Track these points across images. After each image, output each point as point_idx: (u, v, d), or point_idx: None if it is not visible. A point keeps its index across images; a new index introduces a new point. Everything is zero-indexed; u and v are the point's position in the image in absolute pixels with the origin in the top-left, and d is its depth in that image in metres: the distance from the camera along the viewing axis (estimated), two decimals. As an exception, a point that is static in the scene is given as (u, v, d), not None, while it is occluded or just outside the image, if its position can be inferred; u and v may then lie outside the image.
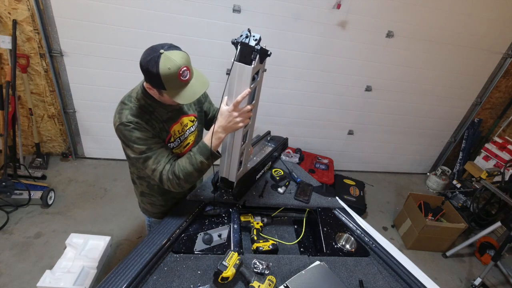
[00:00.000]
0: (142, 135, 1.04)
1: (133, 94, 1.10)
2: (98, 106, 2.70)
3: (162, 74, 0.91)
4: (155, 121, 1.10)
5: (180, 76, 0.94)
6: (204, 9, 2.35)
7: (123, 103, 1.08)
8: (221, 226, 1.26)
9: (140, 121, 1.04)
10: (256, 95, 1.13)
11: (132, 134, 1.04)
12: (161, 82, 0.93)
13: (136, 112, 1.06)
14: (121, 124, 1.03)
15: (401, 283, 1.19)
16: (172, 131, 1.17)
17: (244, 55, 0.97)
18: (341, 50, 2.76)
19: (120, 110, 1.07)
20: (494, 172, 2.96)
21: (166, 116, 1.14)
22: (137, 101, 1.08)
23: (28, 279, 1.86)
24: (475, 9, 2.70)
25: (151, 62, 0.91)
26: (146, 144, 1.05)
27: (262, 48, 0.97)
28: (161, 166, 1.07)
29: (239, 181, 1.32)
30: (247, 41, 0.96)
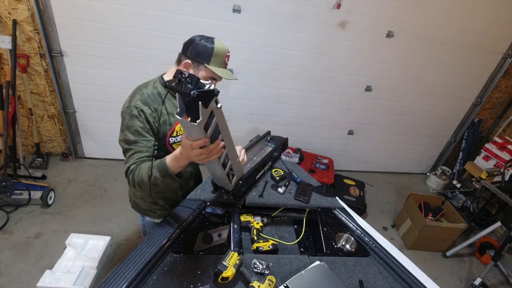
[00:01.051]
0: (139, 125, 1.06)
1: (151, 82, 1.16)
2: (98, 106, 2.70)
3: (216, 49, 1.07)
4: (161, 113, 1.13)
5: (226, 58, 1.13)
6: (204, 9, 2.35)
7: (138, 89, 1.13)
8: (221, 226, 1.26)
9: (147, 109, 1.07)
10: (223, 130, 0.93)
11: (131, 121, 1.06)
12: (210, 55, 1.07)
13: (147, 98, 1.09)
14: (128, 107, 1.07)
15: (401, 283, 1.19)
16: (178, 126, 1.19)
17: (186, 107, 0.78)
18: (341, 50, 2.76)
19: (133, 94, 1.12)
20: (494, 172, 2.96)
21: (174, 110, 1.17)
22: (153, 88, 1.13)
23: (28, 279, 1.86)
24: (475, 9, 2.70)
25: (207, 40, 1.08)
26: (135, 136, 1.06)
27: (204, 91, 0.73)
28: (129, 163, 1.06)
29: (239, 181, 1.32)
30: (180, 88, 0.73)
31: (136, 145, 1.07)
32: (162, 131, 1.15)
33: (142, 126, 1.06)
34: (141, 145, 1.07)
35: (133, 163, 1.06)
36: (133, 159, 1.06)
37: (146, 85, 1.15)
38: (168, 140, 1.18)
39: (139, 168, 1.05)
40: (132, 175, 1.05)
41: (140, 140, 1.07)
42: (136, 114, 1.05)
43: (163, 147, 1.18)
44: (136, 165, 1.06)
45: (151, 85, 1.14)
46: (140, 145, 1.07)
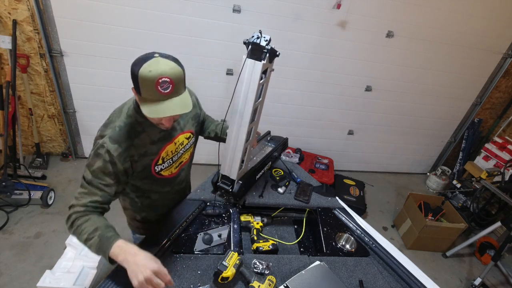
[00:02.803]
0: (98, 166, 0.94)
1: (124, 109, 1.01)
2: (98, 106, 2.70)
3: (140, 75, 0.82)
4: (136, 148, 1.00)
5: (158, 85, 0.83)
6: (204, 9, 2.35)
7: (111, 120, 1.00)
8: (221, 226, 1.26)
9: (115, 149, 0.95)
10: (263, 93, 1.17)
11: (93, 158, 0.95)
12: (138, 84, 0.85)
13: (118, 136, 0.96)
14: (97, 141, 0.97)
15: (401, 283, 1.19)
16: (164, 152, 1.08)
17: (255, 53, 1.03)
18: (341, 50, 2.76)
19: (106, 124, 1.00)
20: (494, 172, 2.96)
21: (158, 136, 1.05)
22: (127, 117, 0.99)
23: (28, 279, 1.86)
24: (475, 9, 2.70)
25: (138, 61, 0.85)
26: (93, 176, 0.95)
27: (272, 48, 1.02)
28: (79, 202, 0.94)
29: (239, 180, 1.32)
30: (258, 42, 1.01)
31: (91, 186, 0.95)
32: (142, 165, 1.04)
33: (103, 169, 0.94)
34: (96, 187, 0.95)
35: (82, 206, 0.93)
36: (84, 200, 0.94)
37: (119, 114, 1.00)
38: (153, 169, 1.08)
39: (82, 220, 0.92)
40: (73, 221, 0.92)
41: (96, 182, 0.95)
42: (101, 153, 0.94)
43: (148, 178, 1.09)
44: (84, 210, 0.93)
45: (124, 114, 0.99)
46: (95, 186, 0.95)
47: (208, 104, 2.85)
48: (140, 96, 0.88)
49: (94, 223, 0.92)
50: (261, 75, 1.06)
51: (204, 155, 2.98)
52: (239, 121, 1.16)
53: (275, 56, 1.06)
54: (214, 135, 1.40)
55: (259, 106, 1.19)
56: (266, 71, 1.11)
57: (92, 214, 0.95)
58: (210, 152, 2.70)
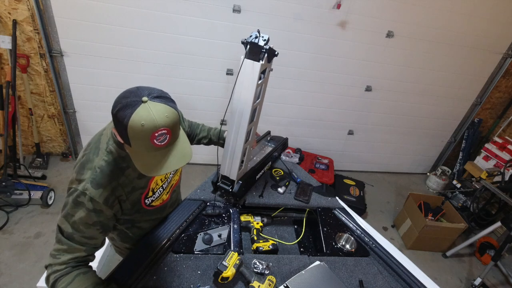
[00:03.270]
0: (81, 217, 0.81)
1: (102, 144, 0.86)
2: (98, 106, 2.70)
3: (130, 128, 0.69)
4: (123, 186, 0.88)
5: (154, 139, 0.71)
6: (204, 9, 2.35)
7: (87, 159, 0.85)
8: (221, 226, 1.26)
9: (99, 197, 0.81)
10: (262, 93, 1.17)
11: (73, 208, 0.81)
12: (127, 136, 0.71)
13: (100, 178, 0.82)
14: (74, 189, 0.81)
15: (401, 283, 1.19)
16: (154, 183, 0.99)
17: (253, 53, 1.03)
18: (341, 50, 2.76)
19: (81, 165, 0.84)
20: (494, 172, 2.96)
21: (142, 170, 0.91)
22: (107, 154, 0.85)
23: (28, 279, 1.86)
24: (475, 9, 2.70)
25: (124, 107, 0.70)
26: (74, 229, 0.82)
27: (271, 48, 1.02)
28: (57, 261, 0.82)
29: (239, 180, 1.32)
30: (256, 41, 1.01)
31: (71, 242, 0.82)
32: (131, 202, 0.93)
33: (87, 219, 0.82)
34: (78, 241, 0.82)
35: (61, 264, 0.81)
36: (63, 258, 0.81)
37: (97, 151, 0.85)
38: (143, 203, 0.99)
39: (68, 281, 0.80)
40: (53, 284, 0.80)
41: (78, 236, 0.82)
42: (82, 202, 0.80)
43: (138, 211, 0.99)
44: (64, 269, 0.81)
45: (103, 151, 0.85)
46: (76, 241, 0.82)
47: (208, 104, 2.86)
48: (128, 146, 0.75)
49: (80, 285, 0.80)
50: (259, 75, 1.05)
51: (203, 155, 2.98)
52: (238, 122, 1.16)
53: (273, 55, 1.05)
54: (208, 141, 1.36)
55: (258, 106, 1.19)
56: (265, 71, 1.11)
57: (76, 269, 0.82)
58: (210, 152, 2.70)
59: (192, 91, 2.72)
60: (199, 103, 2.81)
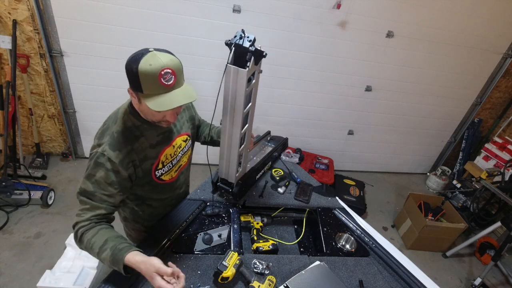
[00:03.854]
0: (101, 176, 0.91)
1: (120, 114, 0.98)
2: (98, 106, 2.70)
3: (140, 71, 0.79)
4: (136, 152, 0.97)
5: (161, 77, 0.81)
6: (204, 9, 2.35)
7: (107, 127, 0.97)
8: (221, 226, 1.26)
9: (116, 156, 0.92)
10: (253, 97, 1.10)
11: (94, 169, 0.91)
12: (138, 81, 0.81)
13: (117, 143, 0.93)
14: (95, 151, 0.92)
15: (401, 283, 1.19)
16: (164, 156, 1.06)
17: (238, 57, 0.95)
18: (341, 50, 2.76)
19: (102, 133, 0.96)
20: (494, 172, 2.96)
21: (155, 139, 1.03)
22: (122, 123, 0.96)
23: (28, 279, 1.86)
24: (475, 9, 2.70)
25: (134, 58, 0.82)
26: (95, 187, 0.91)
27: (257, 49, 0.93)
28: (83, 218, 0.92)
29: (239, 181, 1.32)
30: (241, 42, 0.93)
31: (95, 199, 0.92)
32: (143, 170, 1.01)
33: (105, 178, 0.91)
34: (99, 199, 0.92)
35: (86, 220, 0.92)
36: (87, 215, 0.92)
37: (115, 119, 0.97)
38: (154, 174, 1.05)
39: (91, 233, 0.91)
40: (81, 237, 0.91)
41: (99, 193, 0.92)
42: (101, 162, 0.90)
43: (149, 184, 1.07)
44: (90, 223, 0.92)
45: (120, 119, 0.96)
46: (97, 199, 0.92)
47: (208, 105, 2.85)
48: (141, 93, 0.85)
49: (103, 235, 0.91)
50: (246, 80, 0.96)
51: (203, 155, 2.98)
52: (230, 127, 1.11)
53: (261, 57, 0.96)
54: (210, 139, 1.38)
55: (250, 110, 1.13)
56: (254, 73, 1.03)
57: (99, 225, 0.93)
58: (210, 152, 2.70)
59: (192, 91, 2.71)
60: (199, 103, 2.80)
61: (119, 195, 0.96)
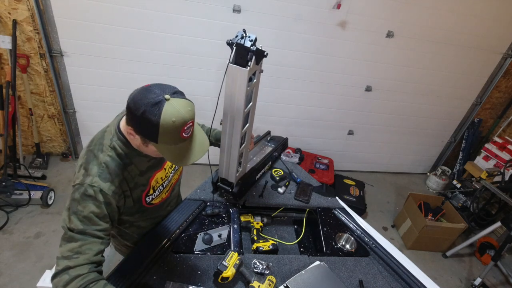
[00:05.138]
0: (92, 211, 0.81)
1: (106, 141, 0.88)
2: (98, 106, 2.70)
3: (162, 126, 0.73)
4: (127, 181, 0.90)
5: (183, 132, 0.77)
6: (204, 9, 2.35)
7: (93, 155, 0.86)
8: (221, 226, 1.26)
9: (109, 188, 0.83)
10: (253, 96, 1.11)
11: (82, 203, 0.81)
12: (155, 134, 0.75)
13: (107, 173, 0.84)
14: (82, 185, 0.81)
15: (401, 283, 1.19)
16: (154, 180, 1.00)
17: (239, 56, 0.95)
18: (341, 50, 2.75)
19: (86, 162, 0.85)
20: (494, 172, 2.96)
21: (146, 165, 0.95)
22: (111, 150, 0.87)
23: (28, 279, 1.86)
24: (475, 9, 2.70)
25: (152, 108, 0.72)
26: (85, 224, 0.80)
27: (258, 49, 0.94)
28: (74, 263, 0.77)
29: (239, 181, 1.32)
30: (242, 42, 0.93)
31: (85, 238, 0.80)
32: (133, 199, 0.95)
33: (98, 212, 0.82)
34: (91, 236, 0.81)
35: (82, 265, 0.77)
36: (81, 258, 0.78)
37: (101, 147, 0.87)
38: (144, 201, 1.00)
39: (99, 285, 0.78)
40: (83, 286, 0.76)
41: (91, 230, 0.81)
42: (91, 195, 0.81)
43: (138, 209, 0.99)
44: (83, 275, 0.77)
45: (107, 147, 0.87)
46: (89, 236, 0.80)
47: (208, 104, 2.85)
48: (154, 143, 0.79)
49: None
50: (248, 80, 0.97)
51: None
52: (230, 127, 1.12)
53: (262, 56, 0.97)
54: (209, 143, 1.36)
55: (250, 110, 1.13)
56: (254, 73, 1.04)
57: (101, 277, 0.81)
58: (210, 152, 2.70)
59: (192, 91, 2.71)
60: (199, 103, 2.80)
61: (110, 227, 0.87)
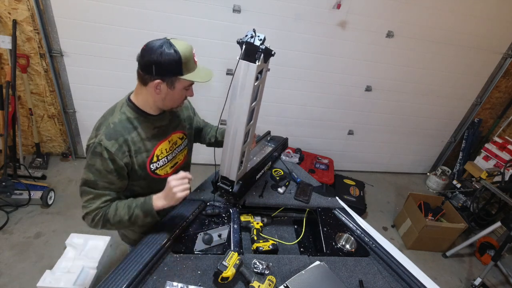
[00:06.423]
0: (100, 166, 0.95)
1: (117, 107, 1.03)
2: (98, 106, 2.69)
3: (183, 55, 0.91)
4: (132, 143, 1.01)
5: (194, 57, 0.98)
6: (204, 9, 2.35)
7: (104, 118, 1.02)
8: (221, 226, 1.26)
9: (112, 145, 0.95)
10: (259, 93, 1.15)
11: (92, 159, 0.96)
12: (180, 66, 0.92)
13: (113, 132, 0.97)
14: (92, 143, 0.96)
15: (401, 283, 1.19)
16: (159, 149, 1.09)
17: (248, 54, 1.00)
18: (341, 50, 2.76)
19: (98, 125, 1.01)
20: (494, 172, 2.96)
21: (151, 132, 1.06)
22: (120, 114, 1.01)
23: (28, 279, 1.86)
24: (475, 9, 2.70)
25: (166, 51, 0.90)
26: (96, 176, 0.96)
27: (267, 47, 1.00)
28: (92, 207, 0.98)
29: (239, 181, 1.32)
30: (252, 41, 0.99)
31: (98, 187, 0.97)
32: (138, 162, 1.04)
33: (105, 167, 0.96)
34: (103, 187, 0.98)
35: (98, 208, 0.98)
36: (97, 204, 0.98)
37: (113, 112, 1.02)
38: (148, 168, 1.07)
39: (112, 208, 0.99)
40: (104, 216, 0.98)
41: (101, 181, 0.97)
42: (99, 152, 0.94)
43: (144, 179, 1.09)
44: (102, 207, 0.98)
45: (117, 112, 1.01)
46: (101, 187, 0.98)
47: (208, 105, 2.86)
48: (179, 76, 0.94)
49: (122, 206, 1.01)
50: (256, 76, 1.03)
51: (204, 154, 2.97)
52: (235, 123, 1.14)
53: (270, 55, 1.03)
54: (215, 140, 1.39)
55: (255, 107, 1.17)
56: (261, 71, 1.08)
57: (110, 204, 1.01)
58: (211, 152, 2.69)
59: (192, 91, 2.71)
60: (199, 103, 2.80)
61: (119, 181, 1.01)
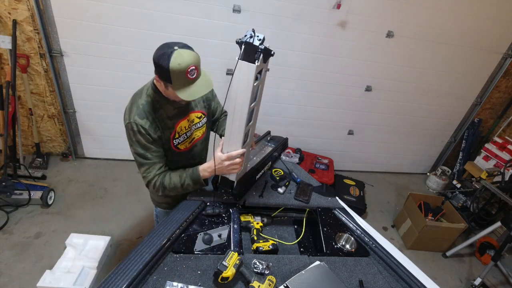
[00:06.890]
0: (143, 140, 1.13)
1: (144, 90, 1.18)
2: (98, 106, 2.70)
3: (171, 69, 0.97)
4: (159, 120, 1.16)
5: (188, 74, 1.01)
6: (204, 9, 2.35)
7: (134, 100, 1.16)
8: (221, 226, 1.26)
9: (144, 124, 1.12)
10: (259, 94, 1.15)
11: (135, 136, 1.13)
12: (169, 76, 0.99)
13: (143, 112, 1.13)
14: (129, 122, 1.12)
15: (401, 283, 1.19)
16: (178, 127, 1.23)
17: (248, 54, 1.00)
18: (341, 50, 2.76)
19: (130, 107, 1.16)
20: (494, 172, 2.96)
21: (172, 112, 1.20)
22: (147, 96, 1.16)
23: (28, 279, 1.86)
24: (475, 9, 2.70)
25: (163, 56, 0.98)
26: (144, 149, 1.15)
27: (266, 47, 1.00)
28: (150, 176, 1.18)
29: (239, 181, 1.32)
30: (251, 41, 0.98)
31: (148, 158, 1.16)
32: (165, 137, 1.20)
33: (146, 140, 1.14)
34: (152, 156, 1.17)
35: (155, 175, 1.18)
36: (153, 172, 1.18)
37: (141, 94, 1.17)
38: (172, 143, 1.23)
39: (167, 176, 1.20)
40: (162, 183, 1.19)
41: (150, 152, 1.16)
42: (137, 130, 1.12)
43: (169, 150, 1.25)
44: (159, 175, 1.19)
45: (144, 94, 1.17)
46: (151, 156, 1.17)
47: (208, 104, 2.86)
48: (170, 84, 1.03)
49: (175, 175, 1.21)
50: (255, 76, 1.02)
51: (204, 155, 2.98)
52: (235, 124, 1.13)
53: (269, 55, 1.03)
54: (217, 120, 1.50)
55: (255, 107, 1.17)
56: (261, 71, 1.08)
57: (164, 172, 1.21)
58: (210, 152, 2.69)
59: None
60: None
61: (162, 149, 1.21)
